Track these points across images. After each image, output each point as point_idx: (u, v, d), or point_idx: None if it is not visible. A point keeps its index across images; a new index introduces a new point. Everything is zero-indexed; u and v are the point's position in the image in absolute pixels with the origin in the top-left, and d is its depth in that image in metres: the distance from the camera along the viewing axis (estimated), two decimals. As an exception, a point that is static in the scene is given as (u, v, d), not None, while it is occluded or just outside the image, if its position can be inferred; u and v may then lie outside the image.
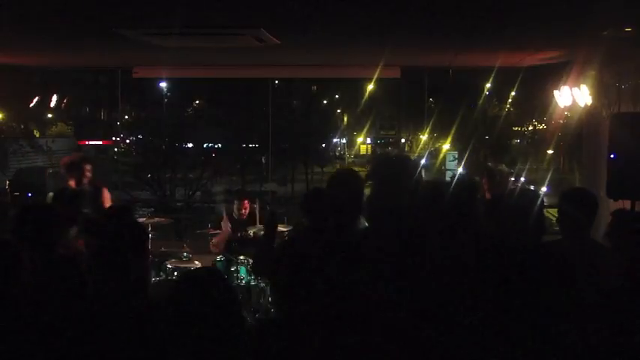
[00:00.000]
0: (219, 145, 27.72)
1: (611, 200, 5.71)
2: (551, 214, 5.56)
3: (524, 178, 17.31)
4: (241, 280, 6.53)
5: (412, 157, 3.23)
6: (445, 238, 2.90)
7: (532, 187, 6.51)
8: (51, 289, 2.92)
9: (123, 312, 2.66)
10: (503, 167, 6.33)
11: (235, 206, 7.20)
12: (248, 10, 4.72)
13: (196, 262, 6.77)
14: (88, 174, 6.10)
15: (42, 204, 3.53)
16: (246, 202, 7.22)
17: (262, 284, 6.36)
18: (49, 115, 26.38)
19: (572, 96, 6.92)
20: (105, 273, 2.83)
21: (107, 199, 6.16)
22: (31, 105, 19.13)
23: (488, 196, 5.74)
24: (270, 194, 20.04)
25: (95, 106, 31.97)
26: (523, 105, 24.53)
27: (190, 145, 26.37)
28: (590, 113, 7.24)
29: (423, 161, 33.69)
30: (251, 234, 6.83)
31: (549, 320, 2.29)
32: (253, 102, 23.24)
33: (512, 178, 15.62)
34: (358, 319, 2.49)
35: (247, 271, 6.59)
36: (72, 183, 6.08)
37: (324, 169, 34.22)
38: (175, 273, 6.65)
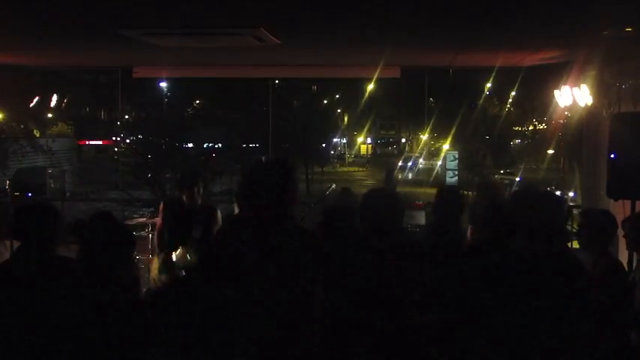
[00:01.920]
0: (219, 145, 27.68)
1: (612, 200, 5.72)
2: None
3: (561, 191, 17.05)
4: None
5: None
6: None
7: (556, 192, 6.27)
8: (46, 289, 2.96)
9: (111, 311, 2.73)
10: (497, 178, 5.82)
11: (236, 204, 7.15)
12: (248, 10, 4.72)
13: (196, 262, 6.75)
14: (201, 191, 5.71)
15: (40, 203, 3.51)
16: None
17: None
18: (49, 115, 26.42)
19: (573, 96, 6.91)
20: (92, 275, 2.89)
21: (219, 220, 5.72)
22: (31, 105, 19.16)
23: None
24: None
25: (95, 106, 32.02)
26: (523, 105, 24.55)
27: (190, 145, 26.32)
28: (591, 113, 7.23)
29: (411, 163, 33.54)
30: None
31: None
32: (253, 102, 23.20)
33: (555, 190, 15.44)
34: None
35: None
36: (184, 198, 5.73)
37: (324, 169, 34.24)
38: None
